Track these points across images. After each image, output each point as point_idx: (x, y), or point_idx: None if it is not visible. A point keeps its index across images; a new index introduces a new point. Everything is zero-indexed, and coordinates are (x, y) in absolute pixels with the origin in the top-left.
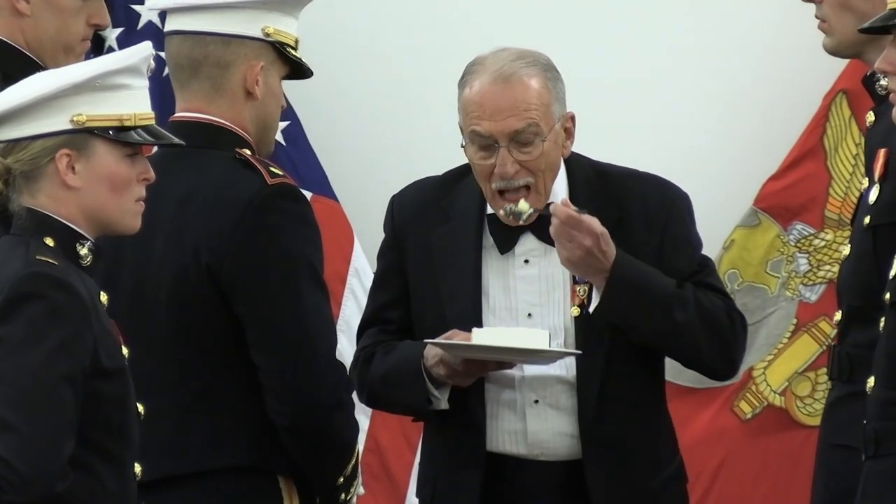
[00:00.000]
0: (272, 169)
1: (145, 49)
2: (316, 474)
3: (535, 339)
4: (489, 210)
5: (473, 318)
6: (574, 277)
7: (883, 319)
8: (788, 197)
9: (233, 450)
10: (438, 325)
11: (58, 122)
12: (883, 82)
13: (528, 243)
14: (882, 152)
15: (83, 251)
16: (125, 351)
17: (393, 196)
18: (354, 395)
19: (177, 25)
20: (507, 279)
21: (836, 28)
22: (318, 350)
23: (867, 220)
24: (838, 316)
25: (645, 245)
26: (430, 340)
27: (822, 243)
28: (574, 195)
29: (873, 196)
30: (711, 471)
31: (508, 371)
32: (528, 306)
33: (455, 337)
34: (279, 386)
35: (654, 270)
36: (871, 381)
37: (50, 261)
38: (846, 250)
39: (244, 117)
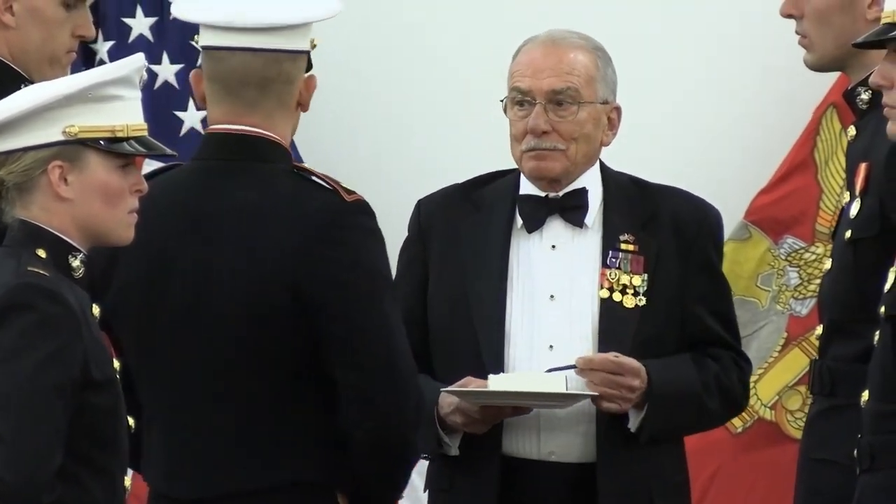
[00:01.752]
0: (343, 185)
1: (138, 60)
2: (383, 489)
3: (552, 383)
4: (521, 191)
5: (496, 300)
6: (605, 262)
7: (877, 333)
8: (779, 210)
9: (296, 465)
10: (458, 308)
11: (50, 133)
12: (864, 96)
13: (556, 227)
14: (863, 166)
15: (75, 263)
16: (116, 364)
17: (419, 200)
18: None
19: (243, 42)
20: (531, 263)
21: (817, 43)
22: (402, 366)
23: (848, 234)
24: (819, 330)
25: (671, 250)
26: (446, 388)
27: (813, 257)
28: (607, 193)
29: (854, 210)
30: (702, 484)
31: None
32: (551, 289)
33: (470, 384)
34: (365, 400)
35: (677, 366)
36: (865, 395)
37: (41, 272)
38: (828, 264)
39: (289, 130)
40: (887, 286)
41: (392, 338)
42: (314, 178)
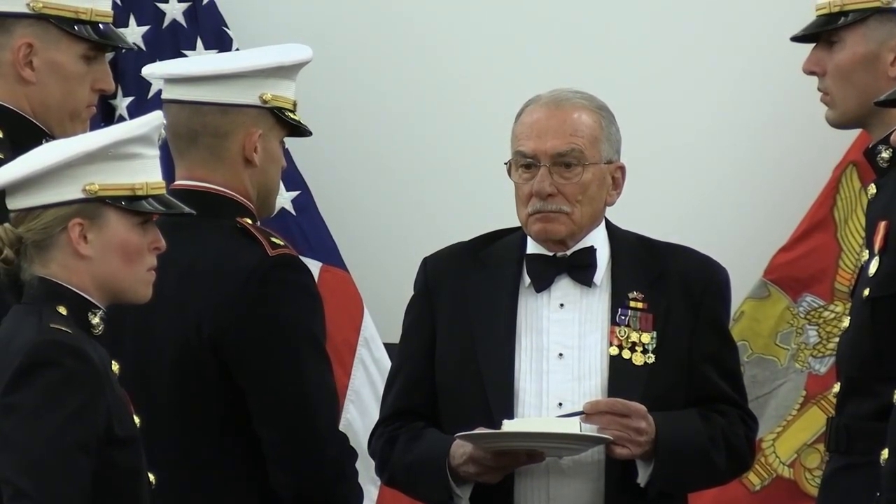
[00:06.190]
0: (273, 239)
1: (156, 118)
2: None
3: (566, 425)
4: (529, 250)
5: (504, 357)
6: (614, 319)
7: None
8: (798, 269)
9: None
10: (467, 365)
11: (70, 191)
12: (884, 154)
13: (564, 286)
14: (882, 224)
15: (95, 320)
16: (136, 420)
17: (425, 257)
18: (360, 466)
19: (174, 94)
20: (540, 321)
21: (838, 100)
22: (320, 422)
23: (866, 292)
24: (836, 387)
25: (679, 308)
26: (460, 434)
27: (832, 315)
28: (615, 251)
29: (873, 268)
30: None
31: None
32: (560, 347)
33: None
34: (282, 458)
35: (684, 420)
36: (885, 453)
37: (64, 329)
38: (846, 322)
39: (245, 184)
40: None
41: (309, 395)
42: (250, 232)
